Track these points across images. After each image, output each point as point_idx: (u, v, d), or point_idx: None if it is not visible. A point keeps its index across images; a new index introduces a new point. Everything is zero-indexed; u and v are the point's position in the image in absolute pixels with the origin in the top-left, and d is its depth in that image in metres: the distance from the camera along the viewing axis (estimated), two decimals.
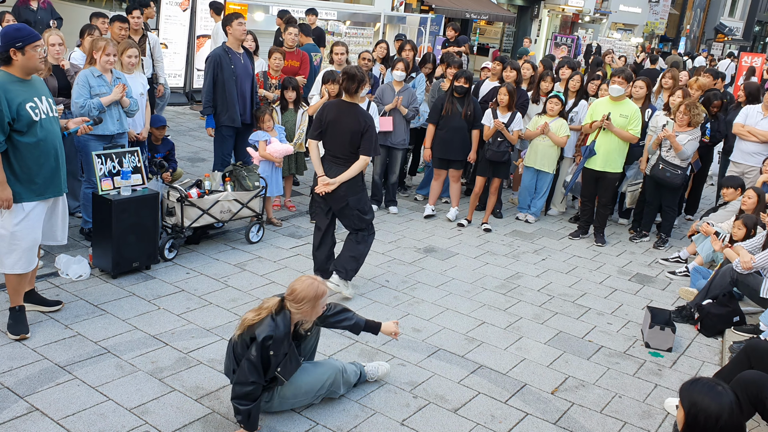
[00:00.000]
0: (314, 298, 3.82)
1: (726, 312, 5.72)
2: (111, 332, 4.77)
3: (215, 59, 7.08)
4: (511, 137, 7.55)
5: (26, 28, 4.45)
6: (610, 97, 7.51)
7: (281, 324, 3.74)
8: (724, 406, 2.89)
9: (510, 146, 7.63)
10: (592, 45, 26.75)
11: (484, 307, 5.85)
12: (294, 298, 3.80)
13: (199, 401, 4.09)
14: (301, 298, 3.79)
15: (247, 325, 3.76)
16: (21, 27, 4.44)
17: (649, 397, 4.70)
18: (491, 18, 24.18)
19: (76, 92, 5.74)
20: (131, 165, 5.72)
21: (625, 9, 33.92)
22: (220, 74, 7.05)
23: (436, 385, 4.55)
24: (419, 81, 8.53)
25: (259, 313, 3.79)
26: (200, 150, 10.05)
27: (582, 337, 5.49)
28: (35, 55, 4.36)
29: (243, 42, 7.37)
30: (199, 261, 6.16)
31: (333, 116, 5.45)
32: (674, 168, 7.45)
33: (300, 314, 3.84)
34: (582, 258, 7.36)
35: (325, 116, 5.48)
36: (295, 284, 3.84)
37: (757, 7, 48.16)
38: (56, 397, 3.98)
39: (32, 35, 4.37)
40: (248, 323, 3.76)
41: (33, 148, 4.41)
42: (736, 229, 6.34)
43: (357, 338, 5.00)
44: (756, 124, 7.85)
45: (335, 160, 5.51)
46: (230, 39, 7.21)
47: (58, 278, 5.50)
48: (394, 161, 8.05)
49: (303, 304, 3.80)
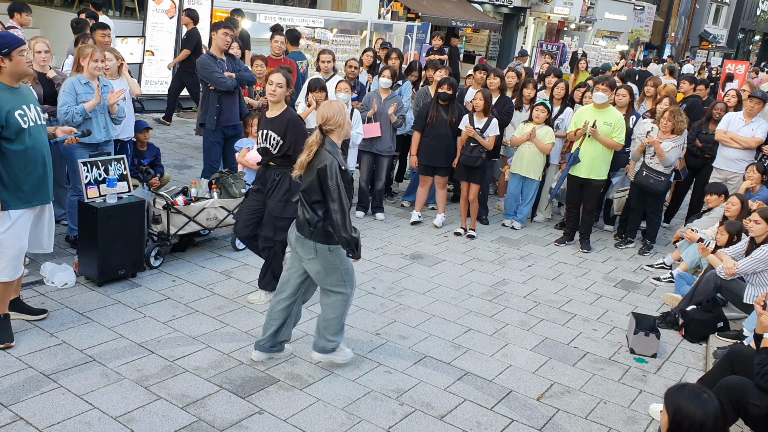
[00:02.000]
0: (341, 109, 4.30)
1: (710, 318, 5.78)
2: (96, 340, 4.74)
3: (208, 63, 7.19)
4: (485, 143, 7.54)
5: (9, 34, 4.45)
6: (594, 105, 7.58)
7: (332, 145, 4.25)
8: (709, 413, 2.91)
9: (484, 151, 7.59)
10: (578, 52, 26.97)
11: (470, 313, 5.88)
12: (329, 122, 4.26)
13: (184, 409, 4.08)
14: (333, 115, 4.26)
15: (306, 162, 4.20)
16: (4, 34, 4.46)
17: (634, 402, 4.73)
18: (477, 26, 24.29)
19: (61, 99, 5.71)
20: (117, 173, 5.70)
21: (610, 17, 34.20)
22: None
23: (423, 392, 4.56)
24: (406, 89, 8.56)
25: (309, 151, 4.20)
26: (187, 157, 10.02)
27: (567, 344, 5.52)
28: (22, 60, 4.35)
29: (227, 50, 7.47)
30: (185, 268, 6.14)
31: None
32: (658, 174, 7.53)
33: (340, 130, 4.30)
34: (568, 264, 7.40)
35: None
36: (322, 111, 4.29)
37: (741, 15, 48.74)
38: (41, 405, 3.96)
39: (17, 40, 4.37)
40: (305, 161, 4.20)
41: (21, 155, 4.39)
42: (719, 235, 6.41)
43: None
44: (738, 131, 7.94)
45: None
46: (213, 46, 7.32)
47: (44, 286, 5.47)
48: (381, 168, 8.07)
49: (338, 119, 4.26)
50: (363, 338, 5.22)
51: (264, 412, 4.14)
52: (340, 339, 4.62)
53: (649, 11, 37.07)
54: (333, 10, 18.86)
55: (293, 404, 4.25)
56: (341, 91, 7.29)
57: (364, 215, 8.21)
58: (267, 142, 5.26)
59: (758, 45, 55.62)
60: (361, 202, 8.27)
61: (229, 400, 4.21)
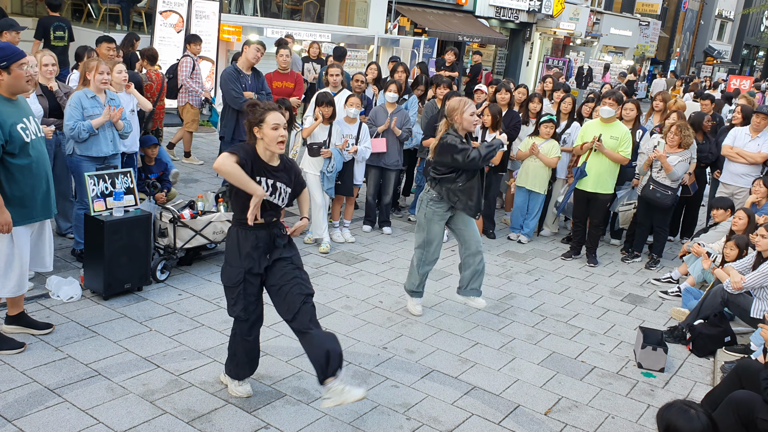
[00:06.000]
0: (459, 105, 5.38)
1: (717, 332, 5.74)
2: (102, 354, 4.73)
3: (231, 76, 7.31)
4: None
5: (10, 46, 4.31)
6: (600, 119, 7.58)
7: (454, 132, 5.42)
8: (696, 430, 2.97)
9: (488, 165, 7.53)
10: (584, 67, 27.04)
11: (477, 327, 5.85)
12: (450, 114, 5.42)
13: (190, 424, 4.06)
14: (452, 109, 5.42)
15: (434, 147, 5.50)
16: (4, 45, 4.32)
17: (642, 417, 4.69)
18: (483, 41, 24.38)
19: (67, 114, 5.73)
20: (124, 186, 5.72)
21: (615, 32, 34.29)
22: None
23: (430, 406, 4.53)
24: (412, 103, 8.59)
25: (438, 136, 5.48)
26: (193, 171, 10.05)
27: (575, 358, 5.49)
28: (22, 74, 4.23)
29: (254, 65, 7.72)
30: (192, 282, 6.14)
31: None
32: (665, 189, 7.51)
33: (457, 123, 5.41)
34: (574, 278, 7.38)
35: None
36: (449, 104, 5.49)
37: (745, 31, 48.82)
38: (45, 420, 3.95)
39: (17, 53, 4.25)
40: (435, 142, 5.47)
41: (26, 170, 4.34)
42: (728, 250, 6.37)
43: (350, 360, 4.98)
44: (744, 146, 7.93)
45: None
46: (242, 59, 7.49)
47: (49, 300, 5.46)
48: (388, 182, 8.08)
49: (455, 114, 5.40)
50: (370, 352, 5.19)
51: (270, 426, 4.12)
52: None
53: (654, 27, 37.16)
54: (340, 24, 18.97)
55: (300, 419, 4.23)
56: (351, 105, 7.32)
57: (371, 229, 8.20)
58: (276, 196, 4.09)
59: (762, 60, 55.67)
60: (368, 217, 8.26)
61: (235, 415, 4.19)
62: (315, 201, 7.17)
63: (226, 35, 13.84)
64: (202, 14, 13.21)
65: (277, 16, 17.53)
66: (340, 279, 6.62)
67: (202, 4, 13.20)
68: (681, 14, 41.93)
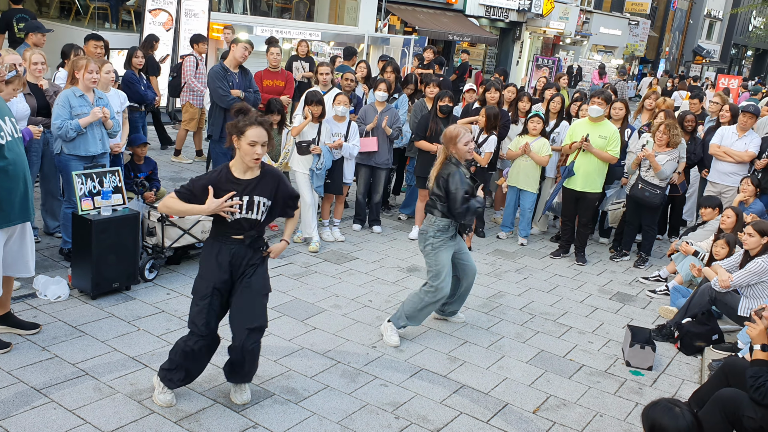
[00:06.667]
0: (453, 135, 5.22)
1: (705, 330, 5.77)
2: (89, 354, 4.71)
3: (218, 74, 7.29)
4: (479, 159, 7.48)
5: None
6: (589, 118, 7.60)
7: (455, 163, 5.28)
8: (681, 428, 2.97)
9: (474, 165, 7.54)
10: (573, 66, 27.12)
11: (466, 326, 5.86)
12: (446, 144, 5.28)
13: (178, 423, 4.04)
14: (447, 139, 5.26)
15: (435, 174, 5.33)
16: None
17: (630, 415, 4.71)
18: (473, 40, 24.41)
19: (55, 112, 5.69)
20: (112, 185, 5.69)
21: (605, 31, 34.43)
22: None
23: (418, 405, 4.53)
24: (402, 101, 8.59)
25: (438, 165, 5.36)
26: (183, 170, 10.02)
27: (563, 356, 5.50)
28: None
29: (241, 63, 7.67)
30: (180, 281, 6.12)
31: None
32: (653, 188, 7.54)
33: (453, 154, 5.28)
34: (563, 277, 7.40)
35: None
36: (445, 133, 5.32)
37: (733, 30, 49.11)
38: (31, 420, 3.92)
39: None
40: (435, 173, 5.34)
41: (1, 172, 4.19)
42: (719, 249, 6.40)
43: (339, 359, 4.99)
44: (731, 145, 7.97)
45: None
46: (229, 58, 7.50)
47: (36, 299, 5.43)
48: (378, 181, 8.07)
49: (450, 146, 5.25)
50: (359, 351, 5.19)
51: (259, 426, 4.11)
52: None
53: (644, 26, 37.32)
54: (330, 23, 18.94)
55: (288, 418, 4.22)
56: (339, 104, 7.31)
57: (360, 228, 8.20)
58: (254, 211, 3.99)
59: (750, 60, 56.00)
60: (358, 215, 8.26)
61: (223, 414, 4.18)
62: (305, 200, 7.16)
63: (215, 33, 13.79)
64: (192, 12, 13.14)
65: (267, 15, 17.49)
66: (330, 278, 6.61)
67: (192, 3, 13.12)
68: (670, 14, 42.13)
